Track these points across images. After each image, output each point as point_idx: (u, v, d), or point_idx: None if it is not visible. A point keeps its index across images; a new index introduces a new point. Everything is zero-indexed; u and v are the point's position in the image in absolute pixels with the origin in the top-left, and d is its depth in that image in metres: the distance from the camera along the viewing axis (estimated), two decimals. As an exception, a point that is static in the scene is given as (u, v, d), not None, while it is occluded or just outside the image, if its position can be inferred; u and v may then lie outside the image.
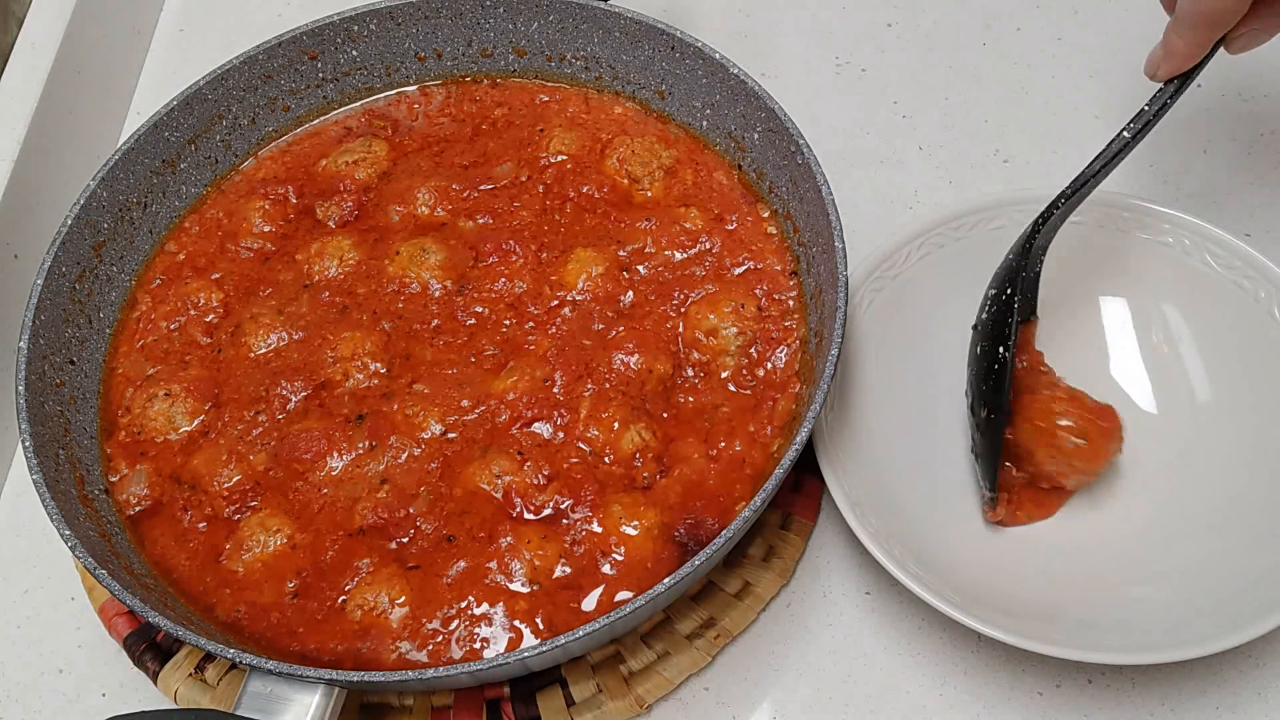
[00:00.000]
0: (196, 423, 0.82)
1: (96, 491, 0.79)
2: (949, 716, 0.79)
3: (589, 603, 0.75)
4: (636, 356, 0.82)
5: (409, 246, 0.87)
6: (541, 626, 0.74)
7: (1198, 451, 0.84)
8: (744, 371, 0.82)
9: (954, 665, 0.81)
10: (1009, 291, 0.81)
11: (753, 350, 0.83)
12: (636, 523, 0.76)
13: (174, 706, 0.80)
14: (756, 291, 0.85)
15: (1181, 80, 0.79)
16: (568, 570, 0.76)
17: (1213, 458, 0.84)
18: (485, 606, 0.75)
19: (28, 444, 0.76)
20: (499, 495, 0.78)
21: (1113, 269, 0.90)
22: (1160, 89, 0.80)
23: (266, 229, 0.90)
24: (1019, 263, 0.81)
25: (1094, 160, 0.80)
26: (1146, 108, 0.80)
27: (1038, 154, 1.03)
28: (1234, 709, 0.78)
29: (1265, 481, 0.81)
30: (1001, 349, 0.80)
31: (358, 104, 0.96)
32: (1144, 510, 0.83)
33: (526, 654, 0.69)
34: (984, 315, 0.83)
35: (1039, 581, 0.80)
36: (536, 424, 0.80)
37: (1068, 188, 0.80)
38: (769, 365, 0.83)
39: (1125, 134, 0.79)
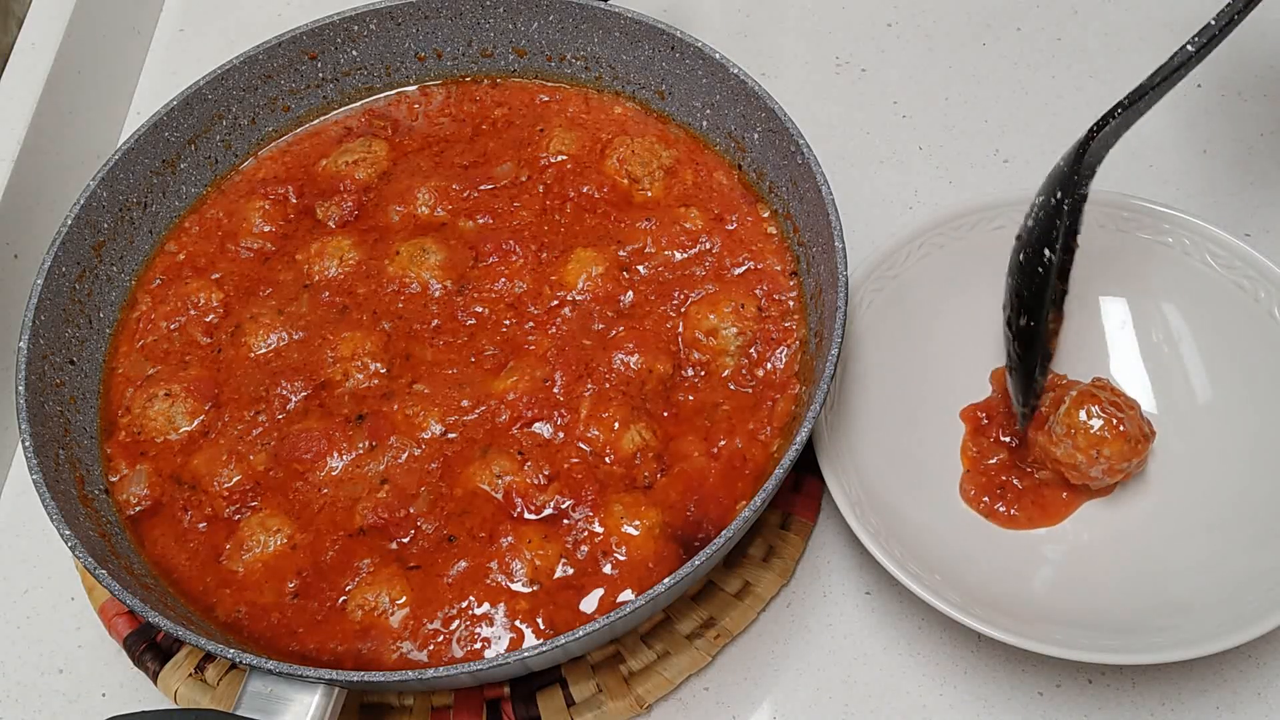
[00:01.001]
0: (196, 423, 0.82)
1: (96, 491, 0.79)
2: (949, 716, 0.79)
3: (590, 603, 0.75)
4: (636, 356, 0.82)
5: (409, 247, 0.87)
6: (543, 626, 0.74)
7: (1198, 451, 0.84)
8: (744, 371, 0.82)
9: (954, 665, 0.81)
10: (1058, 196, 0.78)
11: (752, 350, 0.83)
12: (638, 523, 0.76)
13: (174, 706, 0.80)
14: (756, 292, 0.85)
15: None
16: (569, 570, 0.76)
17: (1213, 458, 0.83)
18: (486, 606, 0.75)
19: (27, 444, 0.76)
20: (499, 495, 0.78)
21: (1113, 269, 0.90)
22: (1230, 2, 0.76)
23: (266, 229, 0.90)
24: (1071, 169, 0.78)
25: (1154, 72, 0.77)
26: (1213, 22, 0.76)
27: (1038, 154, 1.03)
28: (1234, 709, 0.78)
29: (1265, 481, 0.81)
30: (1047, 250, 0.78)
31: (358, 104, 0.96)
32: (1144, 510, 0.83)
33: (526, 654, 0.69)
34: (1029, 223, 0.81)
35: (1039, 581, 0.80)
36: (537, 424, 0.80)
37: (1125, 98, 0.78)
38: (769, 365, 0.83)
39: (1189, 48, 0.76)
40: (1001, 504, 0.83)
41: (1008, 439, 0.85)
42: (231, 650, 0.69)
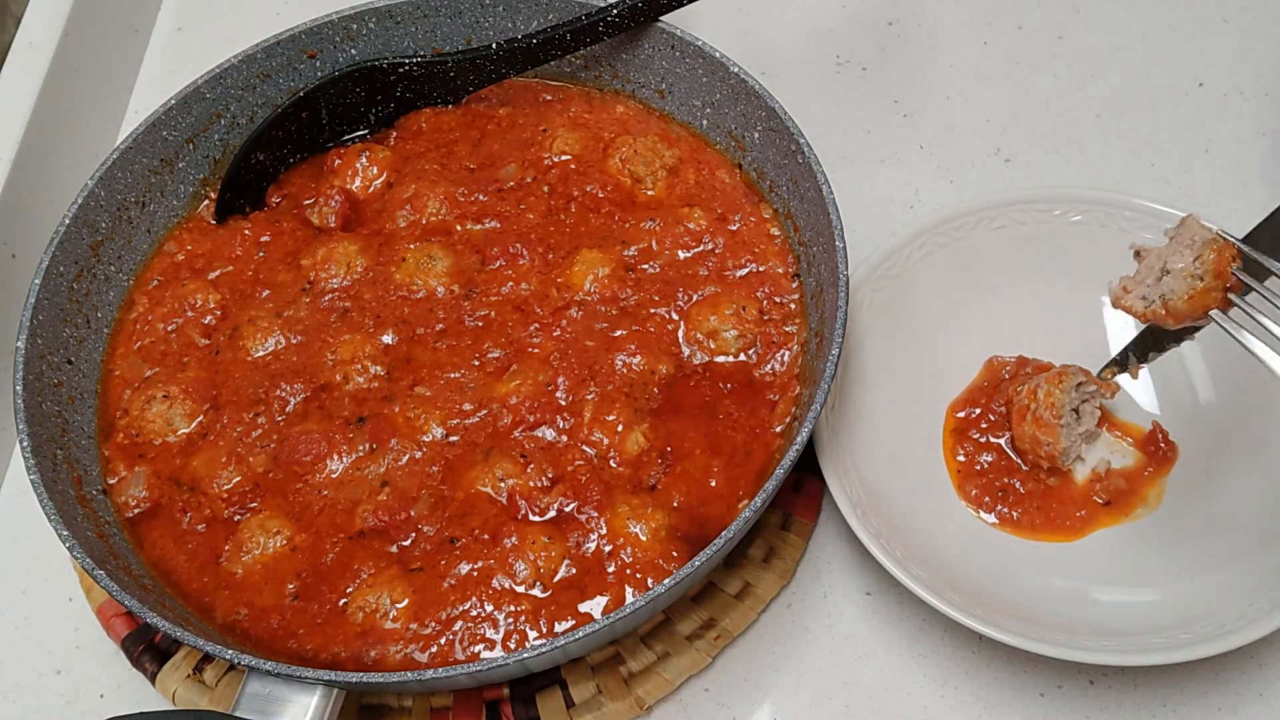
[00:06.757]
0: (195, 424, 0.82)
1: (94, 492, 0.79)
2: (950, 717, 0.79)
3: (595, 604, 0.74)
4: (639, 358, 0.81)
5: (415, 253, 0.87)
6: (545, 628, 0.74)
7: (1200, 452, 0.84)
8: (745, 372, 0.82)
9: (955, 666, 0.80)
10: None
11: (753, 352, 0.83)
12: (643, 524, 0.76)
13: (172, 708, 0.80)
14: (758, 294, 0.84)
15: None
16: (573, 571, 0.75)
17: (1214, 458, 0.83)
18: (489, 608, 0.74)
19: (25, 444, 0.75)
20: (502, 499, 0.77)
21: (1115, 268, 0.89)
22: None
23: (265, 232, 0.90)
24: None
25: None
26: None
27: (1039, 153, 1.03)
28: (1235, 710, 0.78)
29: (1266, 482, 0.81)
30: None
31: (357, 103, 0.96)
32: (1145, 511, 0.83)
33: (525, 655, 0.69)
34: None
35: (1040, 582, 0.80)
36: (539, 428, 0.80)
37: None
38: (769, 367, 0.82)
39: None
40: (1004, 505, 0.83)
41: (995, 438, 0.85)
42: (230, 651, 0.69)
